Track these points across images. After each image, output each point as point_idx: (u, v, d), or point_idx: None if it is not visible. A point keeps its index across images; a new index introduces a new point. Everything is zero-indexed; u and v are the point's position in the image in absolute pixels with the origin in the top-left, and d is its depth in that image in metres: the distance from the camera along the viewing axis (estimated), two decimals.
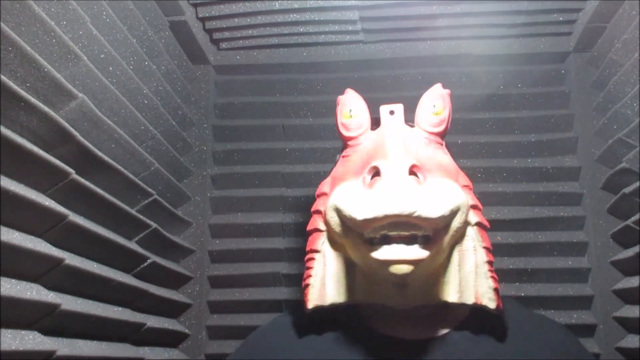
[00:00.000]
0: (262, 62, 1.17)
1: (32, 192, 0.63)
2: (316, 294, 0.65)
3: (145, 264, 0.91)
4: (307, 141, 1.15)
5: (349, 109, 0.67)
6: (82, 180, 0.71)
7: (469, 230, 0.63)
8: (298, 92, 1.17)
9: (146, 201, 0.92)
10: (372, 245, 0.57)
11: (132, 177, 0.86)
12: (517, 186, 1.09)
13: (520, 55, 1.12)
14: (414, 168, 0.58)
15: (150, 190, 0.92)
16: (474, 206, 0.64)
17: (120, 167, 0.81)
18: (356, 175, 0.62)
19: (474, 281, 0.62)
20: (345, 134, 0.68)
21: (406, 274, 0.56)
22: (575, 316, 1.03)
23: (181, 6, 1.01)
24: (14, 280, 0.60)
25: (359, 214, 0.56)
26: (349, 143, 0.68)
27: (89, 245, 0.75)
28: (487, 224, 0.65)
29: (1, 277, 0.58)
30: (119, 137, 0.82)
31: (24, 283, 0.62)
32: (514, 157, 1.10)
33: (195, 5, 1.06)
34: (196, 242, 1.11)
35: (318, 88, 1.17)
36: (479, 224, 0.64)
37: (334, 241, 0.65)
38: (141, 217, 0.90)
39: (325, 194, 0.67)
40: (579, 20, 1.06)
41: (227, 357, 0.80)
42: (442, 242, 0.59)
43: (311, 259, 0.67)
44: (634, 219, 0.93)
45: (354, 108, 0.67)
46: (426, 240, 0.57)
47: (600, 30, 1.03)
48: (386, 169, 0.56)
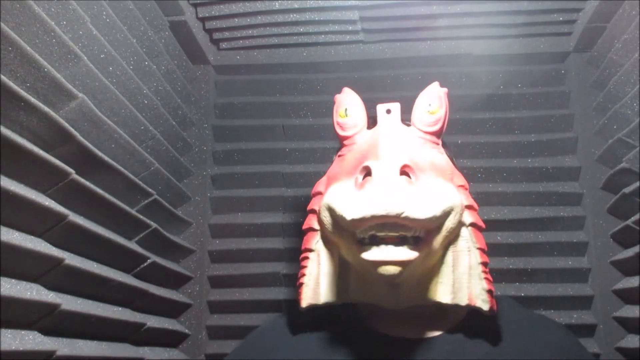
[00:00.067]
0: (262, 62, 1.16)
1: (32, 192, 0.63)
2: (310, 292, 0.65)
3: (145, 264, 0.91)
4: (307, 141, 1.15)
5: (344, 108, 0.67)
6: (82, 180, 0.71)
7: (464, 231, 0.63)
8: (298, 92, 1.17)
9: (146, 201, 0.92)
10: (363, 245, 0.58)
11: (132, 177, 0.86)
12: (517, 186, 1.09)
13: (520, 55, 1.12)
14: (406, 168, 0.58)
15: (150, 190, 0.92)
16: (469, 206, 0.63)
17: (120, 167, 0.81)
18: (350, 175, 0.62)
19: (467, 282, 0.61)
20: (340, 133, 0.68)
21: (395, 274, 0.56)
22: (575, 316, 1.03)
23: (181, 6, 1.01)
24: (14, 280, 0.60)
25: (348, 213, 0.56)
26: (345, 142, 0.67)
27: (89, 245, 0.75)
28: (482, 224, 0.64)
29: (1, 277, 0.58)
30: (119, 137, 0.82)
31: (24, 283, 0.62)
32: (514, 157, 1.10)
33: (195, 5, 1.06)
34: (196, 242, 1.11)
35: (318, 88, 1.17)
36: (473, 225, 0.63)
37: (328, 240, 0.65)
38: (141, 217, 0.90)
39: (320, 193, 0.67)
40: (579, 20, 1.06)
41: (225, 358, 0.80)
42: (434, 243, 0.59)
43: (306, 258, 0.67)
44: (634, 219, 0.93)
45: (350, 107, 0.67)
46: (417, 242, 0.57)
47: (600, 30, 1.03)
48: (377, 169, 0.56)
